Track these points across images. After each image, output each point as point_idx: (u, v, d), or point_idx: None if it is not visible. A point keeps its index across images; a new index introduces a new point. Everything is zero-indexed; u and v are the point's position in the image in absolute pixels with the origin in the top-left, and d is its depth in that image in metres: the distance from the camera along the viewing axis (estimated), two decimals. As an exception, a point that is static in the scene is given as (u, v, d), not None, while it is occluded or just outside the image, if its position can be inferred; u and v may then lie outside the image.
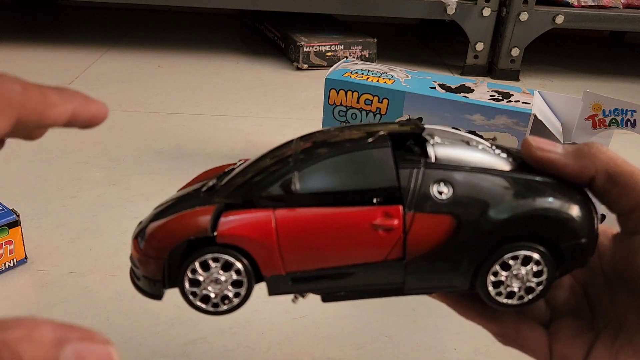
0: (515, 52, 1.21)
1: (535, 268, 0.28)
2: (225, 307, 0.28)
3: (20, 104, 0.23)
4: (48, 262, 0.55)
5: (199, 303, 0.28)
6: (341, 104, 0.68)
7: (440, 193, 0.27)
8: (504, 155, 0.29)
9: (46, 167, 0.73)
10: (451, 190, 0.27)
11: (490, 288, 0.28)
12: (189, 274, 0.27)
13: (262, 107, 0.98)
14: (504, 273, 0.28)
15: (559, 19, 1.19)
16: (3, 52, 1.17)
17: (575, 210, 0.27)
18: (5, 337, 0.16)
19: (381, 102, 0.66)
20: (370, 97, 0.66)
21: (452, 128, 0.31)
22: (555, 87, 1.22)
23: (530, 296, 0.28)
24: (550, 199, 0.27)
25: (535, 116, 0.60)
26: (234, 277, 0.27)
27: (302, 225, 0.27)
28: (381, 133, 0.28)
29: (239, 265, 0.27)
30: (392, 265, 0.28)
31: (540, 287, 0.28)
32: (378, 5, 1.19)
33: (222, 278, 0.27)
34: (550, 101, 0.66)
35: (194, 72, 1.14)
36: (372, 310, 0.52)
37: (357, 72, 0.69)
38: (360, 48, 1.25)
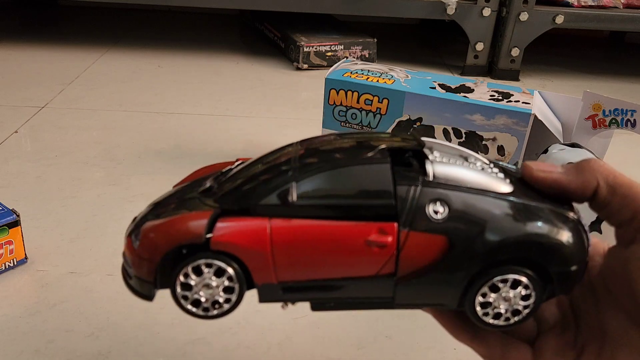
0: (515, 52, 1.21)
1: (523, 292, 0.28)
2: (215, 312, 0.28)
3: None
4: (48, 262, 0.55)
5: (189, 307, 0.28)
6: (341, 104, 0.68)
7: (436, 212, 0.27)
8: (502, 175, 0.29)
9: (46, 167, 0.73)
10: (447, 210, 0.27)
11: (478, 308, 0.28)
12: (182, 278, 0.27)
13: (262, 107, 0.98)
14: (492, 295, 0.28)
15: (559, 19, 1.19)
16: (3, 52, 1.17)
17: (567, 237, 0.28)
18: None
19: (381, 102, 0.66)
20: (370, 97, 0.66)
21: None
22: (555, 87, 1.22)
23: (516, 318, 0.29)
24: (544, 225, 0.27)
25: (535, 116, 0.60)
26: (226, 283, 0.27)
27: (297, 237, 0.26)
28: (382, 147, 0.28)
29: (231, 272, 0.27)
30: (383, 280, 0.28)
31: (527, 311, 0.28)
32: (378, 5, 1.19)
33: (214, 283, 0.27)
34: (550, 101, 0.66)
35: (194, 72, 1.14)
36: (372, 311, 0.52)
37: (357, 72, 0.69)
38: (360, 48, 1.25)
